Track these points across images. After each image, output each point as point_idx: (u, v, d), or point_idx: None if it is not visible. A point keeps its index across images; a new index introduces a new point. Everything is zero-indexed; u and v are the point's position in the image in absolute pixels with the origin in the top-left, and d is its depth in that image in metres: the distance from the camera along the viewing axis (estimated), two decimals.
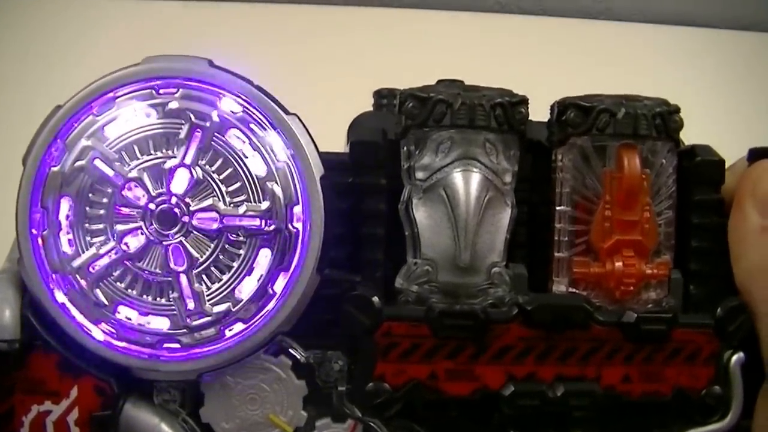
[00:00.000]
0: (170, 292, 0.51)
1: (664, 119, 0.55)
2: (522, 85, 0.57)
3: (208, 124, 0.51)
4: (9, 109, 1.01)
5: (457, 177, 0.54)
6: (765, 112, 1.07)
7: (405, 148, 0.55)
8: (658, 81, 0.69)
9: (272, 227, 0.51)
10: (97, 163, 0.51)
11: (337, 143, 0.58)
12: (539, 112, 0.57)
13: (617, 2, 1.19)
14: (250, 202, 0.51)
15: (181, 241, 0.51)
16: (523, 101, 0.55)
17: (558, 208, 0.56)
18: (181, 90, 0.52)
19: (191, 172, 0.51)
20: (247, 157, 0.51)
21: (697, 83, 1.07)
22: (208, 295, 0.51)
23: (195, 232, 0.51)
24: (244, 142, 0.52)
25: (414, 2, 1.21)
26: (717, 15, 1.18)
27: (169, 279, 0.51)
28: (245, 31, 1.11)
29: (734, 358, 0.55)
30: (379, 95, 0.65)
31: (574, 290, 0.55)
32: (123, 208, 0.51)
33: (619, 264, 0.54)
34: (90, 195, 0.51)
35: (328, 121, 0.56)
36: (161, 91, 0.52)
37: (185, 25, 1.09)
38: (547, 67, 1.08)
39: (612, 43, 1.16)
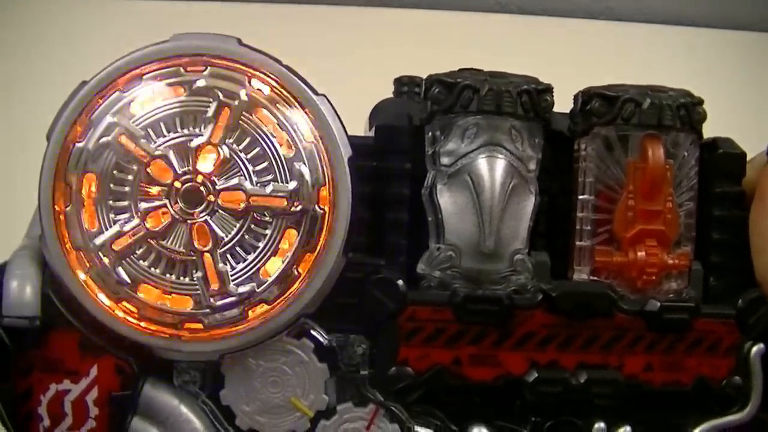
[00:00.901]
0: (194, 271, 0.50)
1: (688, 110, 0.55)
2: None
3: (236, 102, 0.50)
4: (11, 109, 1.00)
5: (483, 163, 0.54)
6: (765, 112, 1.08)
7: (430, 134, 0.55)
8: (659, 81, 0.69)
9: (299, 208, 0.51)
10: (123, 139, 0.50)
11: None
12: None
13: (618, 2, 1.20)
14: (277, 182, 0.51)
15: (206, 219, 0.50)
16: (549, 89, 0.55)
17: (581, 197, 0.56)
18: (209, 68, 0.51)
19: (218, 151, 0.50)
20: (274, 137, 0.51)
21: (698, 83, 1.07)
22: (232, 275, 0.51)
23: (221, 211, 0.50)
24: (272, 121, 0.51)
25: (414, 2, 1.20)
26: (717, 15, 1.18)
27: (194, 258, 0.50)
28: (263, 25, 1.10)
29: (754, 349, 0.55)
30: (400, 83, 0.65)
31: (595, 279, 0.55)
32: (148, 186, 0.50)
33: (641, 253, 0.55)
34: (114, 172, 0.50)
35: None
36: (189, 69, 0.51)
37: (206, 22, 1.09)
38: (547, 67, 1.08)
39: (612, 43, 1.17)
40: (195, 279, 0.50)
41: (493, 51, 1.14)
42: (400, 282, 0.53)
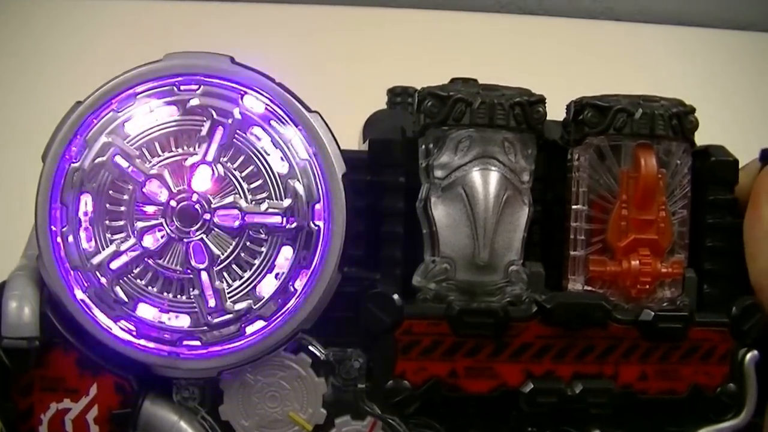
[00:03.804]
0: (191, 289, 0.51)
1: (680, 120, 0.55)
2: (522, 84, 0.57)
3: (230, 121, 0.51)
4: (18, 110, 1.00)
5: (476, 176, 0.54)
6: (764, 112, 1.08)
7: (423, 147, 0.55)
8: (658, 81, 0.70)
9: (294, 225, 0.51)
10: (118, 159, 0.51)
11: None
12: None
13: (618, 2, 1.20)
14: (272, 199, 0.51)
15: (202, 238, 0.51)
16: (541, 100, 0.56)
17: (574, 207, 0.56)
18: (202, 87, 0.51)
19: (213, 170, 0.51)
20: (268, 155, 0.51)
21: (697, 83, 1.07)
22: (229, 293, 0.51)
23: (216, 229, 0.51)
24: (266, 139, 0.51)
25: (414, 2, 1.21)
26: (717, 15, 1.18)
27: (190, 276, 0.51)
28: (254, 30, 1.10)
29: (748, 356, 0.56)
30: (393, 93, 0.65)
31: (590, 288, 0.56)
32: (144, 205, 0.51)
33: (635, 263, 0.55)
34: (110, 192, 0.51)
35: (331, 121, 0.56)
36: (182, 88, 0.52)
37: (194, 26, 1.09)
38: (547, 67, 1.08)
39: (612, 43, 1.17)
40: (192, 297, 0.51)
41: (493, 51, 1.15)
42: (396, 296, 0.53)
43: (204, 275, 0.51)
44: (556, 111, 0.58)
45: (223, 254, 0.51)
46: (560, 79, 0.68)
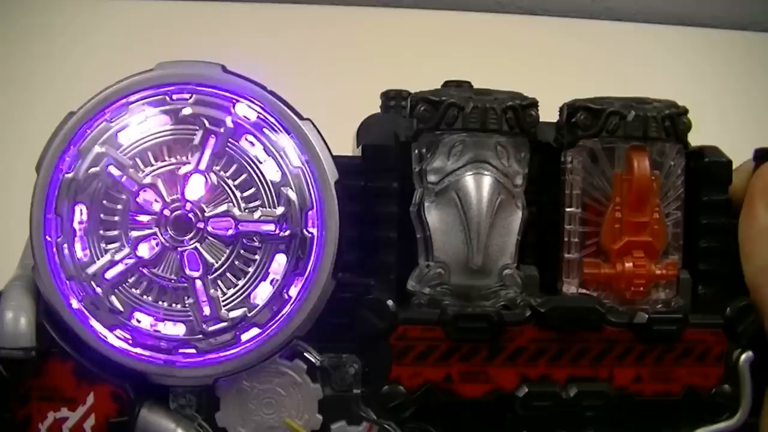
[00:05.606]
0: (186, 297, 0.51)
1: (673, 121, 0.56)
2: (522, 85, 0.57)
3: (222, 129, 0.51)
4: (13, 113, 1.00)
5: (469, 180, 0.54)
6: (764, 111, 1.07)
7: (416, 151, 0.56)
8: (658, 81, 0.69)
9: (287, 232, 0.51)
10: (111, 169, 0.51)
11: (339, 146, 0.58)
12: (541, 112, 0.57)
13: (618, 2, 1.19)
14: (265, 207, 0.51)
15: (196, 246, 0.51)
16: (534, 104, 0.56)
17: (568, 209, 0.56)
18: (194, 96, 0.52)
19: (206, 178, 0.51)
20: (261, 163, 0.52)
21: (697, 83, 1.07)
22: (223, 301, 0.51)
23: (210, 237, 0.51)
24: (258, 147, 0.52)
25: (413, 2, 1.21)
26: (717, 15, 1.18)
27: (185, 285, 0.51)
28: (244, 34, 1.10)
29: (743, 357, 0.56)
30: (387, 97, 0.65)
31: (584, 291, 0.56)
32: (138, 215, 0.51)
33: (629, 265, 0.55)
34: (104, 202, 0.51)
35: (326, 123, 0.56)
36: (174, 97, 0.52)
37: (187, 28, 1.09)
38: (547, 68, 1.08)
39: (612, 43, 1.16)
40: (187, 305, 0.51)
41: (492, 51, 1.15)
42: (390, 302, 0.53)
43: (198, 283, 0.51)
44: (556, 112, 0.58)
45: (217, 262, 0.51)
46: (560, 80, 0.68)
